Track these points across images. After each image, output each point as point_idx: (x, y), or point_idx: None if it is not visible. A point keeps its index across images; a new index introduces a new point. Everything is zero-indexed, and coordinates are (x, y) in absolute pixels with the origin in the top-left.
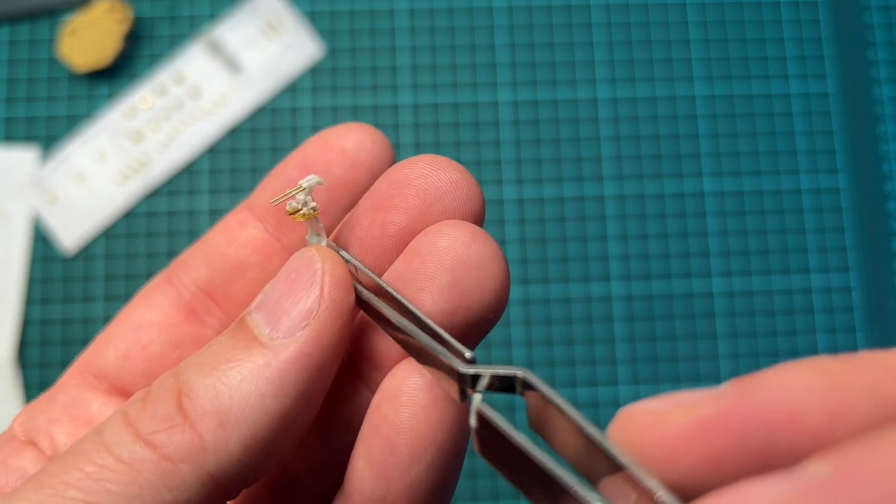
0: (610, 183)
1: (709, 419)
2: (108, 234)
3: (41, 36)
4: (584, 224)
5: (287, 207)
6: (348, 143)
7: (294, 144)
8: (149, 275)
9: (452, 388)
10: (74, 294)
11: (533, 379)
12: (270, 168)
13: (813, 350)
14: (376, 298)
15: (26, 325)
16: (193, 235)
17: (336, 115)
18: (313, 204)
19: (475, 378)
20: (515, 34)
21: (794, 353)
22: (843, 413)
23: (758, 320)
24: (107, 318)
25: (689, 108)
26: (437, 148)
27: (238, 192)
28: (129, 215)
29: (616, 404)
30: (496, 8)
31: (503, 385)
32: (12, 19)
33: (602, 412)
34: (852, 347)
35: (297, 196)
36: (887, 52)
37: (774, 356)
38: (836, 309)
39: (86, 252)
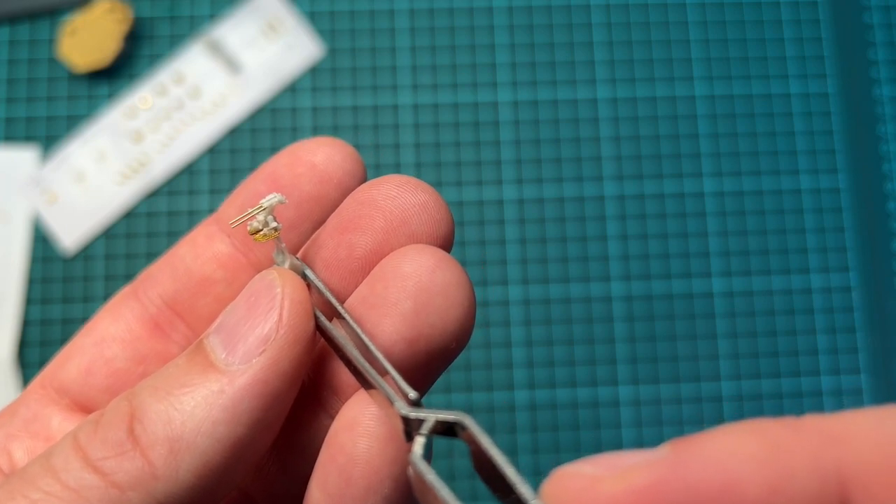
0: (610, 183)
1: (641, 489)
2: (108, 234)
3: (41, 36)
4: (584, 224)
5: (248, 227)
6: (317, 157)
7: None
8: None
9: (399, 426)
10: (74, 294)
11: (472, 428)
12: None
13: (813, 350)
14: (332, 326)
15: (26, 325)
16: None
17: (336, 115)
18: (274, 224)
19: (420, 420)
20: (515, 34)
21: (794, 354)
22: (781, 485)
23: (758, 320)
24: None
25: (689, 108)
26: (436, 148)
27: None
28: (129, 215)
29: (616, 404)
30: (496, 8)
31: (445, 429)
32: (12, 19)
33: (602, 412)
34: (852, 347)
35: (258, 216)
36: (887, 52)
37: (774, 356)
38: (836, 309)
39: (86, 252)
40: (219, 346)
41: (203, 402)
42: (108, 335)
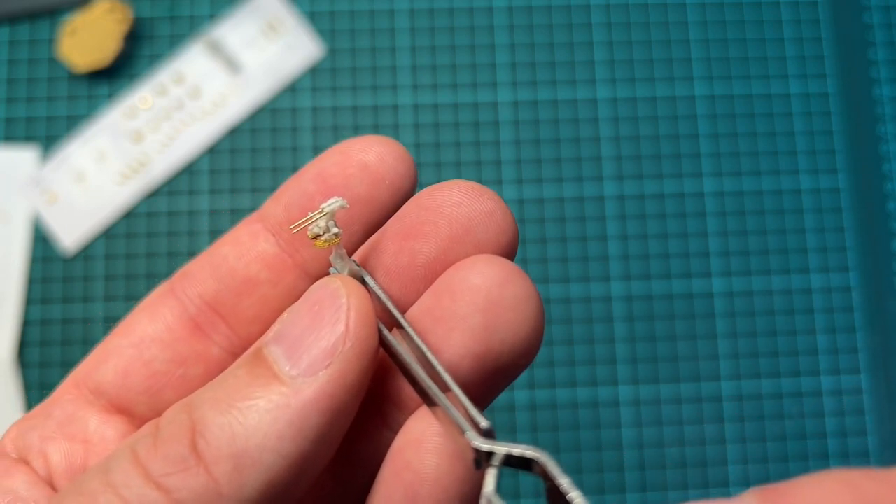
0: (610, 183)
1: None
2: (108, 234)
3: (41, 36)
4: (584, 224)
5: (308, 233)
6: (370, 157)
7: (294, 144)
8: (149, 275)
9: (468, 450)
10: (74, 294)
11: (551, 467)
12: (270, 168)
13: (813, 350)
14: (395, 341)
15: (26, 325)
16: (193, 235)
17: (336, 115)
18: (336, 230)
19: (490, 453)
20: (515, 34)
21: (794, 353)
22: None
23: (758, 320)
24: (107, 319)
25: (689, 108)
26: (437, 148)
27: (238, 191)
28: (129, 215)
29: (616, 404)
30: (496, 8)
31: (519, 463)
32: (12, 19)
33: (602, 412)
34: (852, 347)
35: (319, 221)
36: (887, 52)
37: (774, 356)
38: (836, 309)
39: (86, 252)
40: (282, 356)
41: (268, 416)
42: (147, 336)
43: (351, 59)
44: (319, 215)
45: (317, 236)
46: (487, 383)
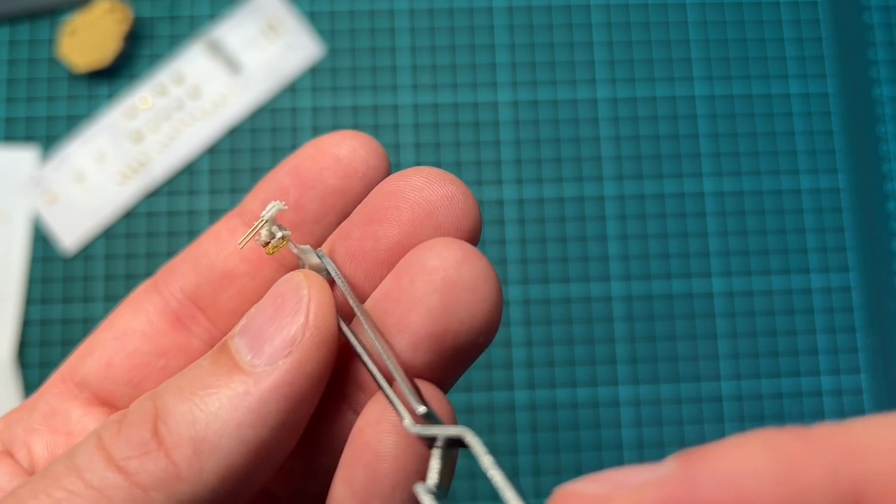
0: (610, 183)
1: None
2: (108, 234)
3: (41, 36)
4: (584, 224)
5: (257, 242)
6: (342, 150)
7: (294, 144)
8: (149, 275)
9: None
10: (74, 294)
11: (473, 444)
12: (270, 168)
13: (813, 350)
14: (350, 332)
15: (26, 325)
16: (193, 235)
17: (336, 115)
18: (281, 233)
19: (430, 437)
20: (515, 34)
21: (794, 353)
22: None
23: (758, 320)
24: None
25: (689, 108)
26: (437, 148)
27: (238, 191)
28: (129, 215)
29: (616, 404)
30: (496, 8)
31: (456, 443)
32: (12, 19)
33: (602, 412)
34: (852, 347)
35: (262, 230)
36: (887, 52)
37: (774, 356)
38: (836, 309)
39: (86, 252)
40: (244, 347)
41: (228, 404)
42: (129, 329)
43: (351, 59)
44: (261, 224)
45: (266, 243)
46: (447, 363)
